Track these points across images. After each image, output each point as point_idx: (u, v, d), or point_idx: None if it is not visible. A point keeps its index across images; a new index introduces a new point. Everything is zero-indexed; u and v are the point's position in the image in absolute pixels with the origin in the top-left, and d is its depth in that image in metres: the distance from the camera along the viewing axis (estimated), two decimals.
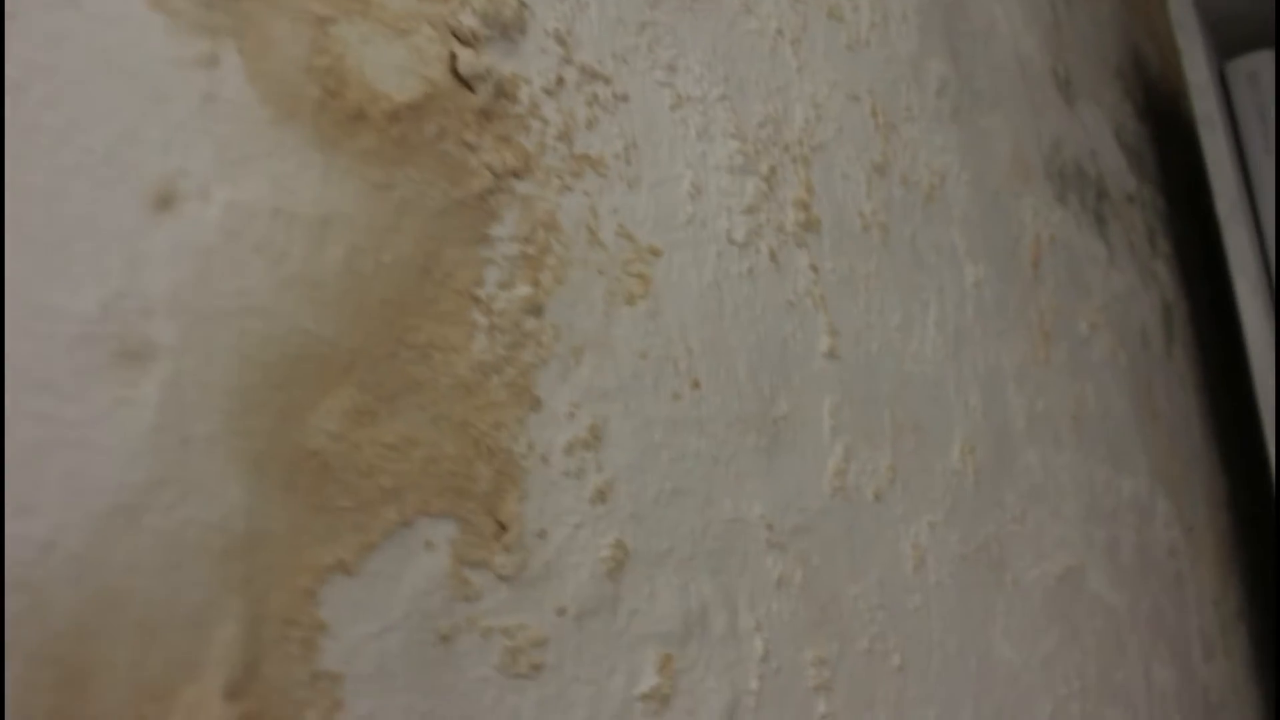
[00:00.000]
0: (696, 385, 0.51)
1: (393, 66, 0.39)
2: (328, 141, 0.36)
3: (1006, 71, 0.98)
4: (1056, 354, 0.90)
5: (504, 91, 0.44)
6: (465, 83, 0.42)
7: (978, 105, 0.89)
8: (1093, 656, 0.84)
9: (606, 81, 0.50)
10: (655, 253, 0.50)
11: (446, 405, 0.38)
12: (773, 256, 0.59)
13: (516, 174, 0.43)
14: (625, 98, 0.51)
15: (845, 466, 0.60)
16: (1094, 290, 1.02)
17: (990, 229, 0.84)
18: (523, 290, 0.42)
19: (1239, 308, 1.26)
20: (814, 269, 0.62)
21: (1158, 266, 1.26)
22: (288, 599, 0.32)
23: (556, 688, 0.40)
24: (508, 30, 0.45)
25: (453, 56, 0.42)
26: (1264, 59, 1.38)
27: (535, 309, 0.43)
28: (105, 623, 0.28)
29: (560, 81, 0.47)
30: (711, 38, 0.60)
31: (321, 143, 0.36)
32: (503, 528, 0.39)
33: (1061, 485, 0.85)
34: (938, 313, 0.73)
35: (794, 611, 0.53)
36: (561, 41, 0.48)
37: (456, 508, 0.38)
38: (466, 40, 0.43)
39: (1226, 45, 1.47)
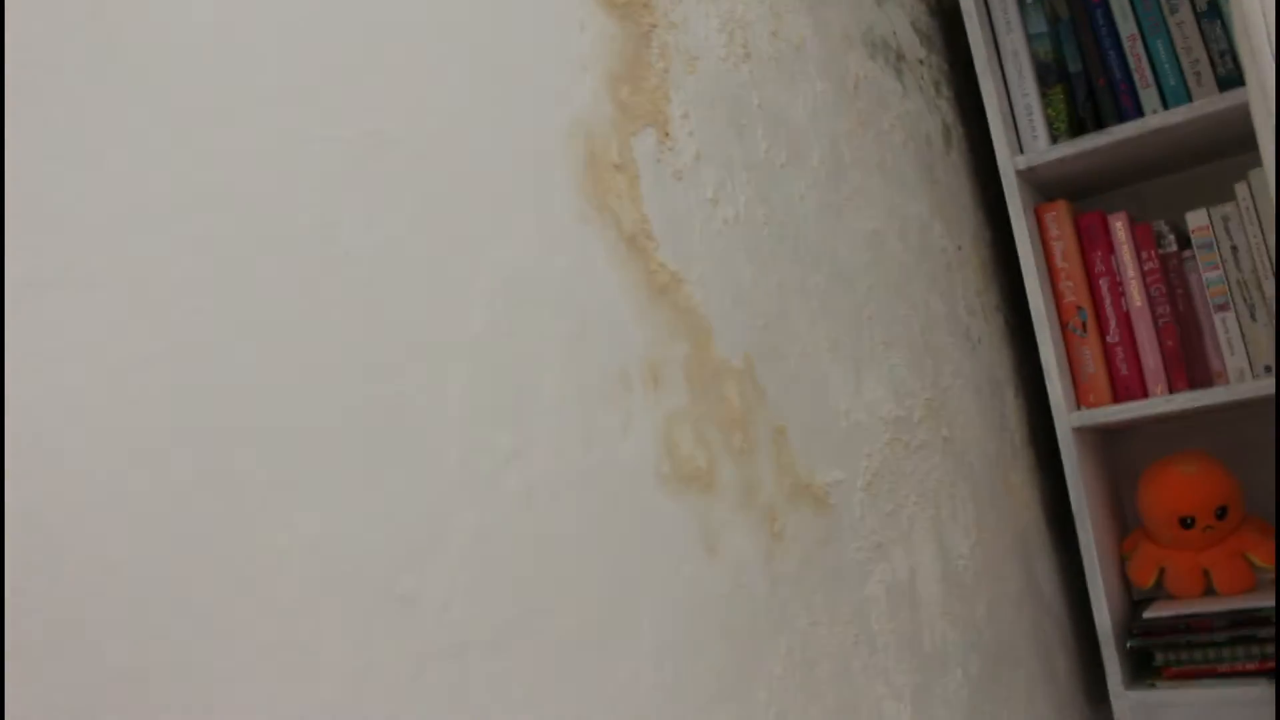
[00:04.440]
0: None
1: None
2: None
3: None
4: (868, 131, 1.74)
5: None
6: None
7: (818, 7, 1.72)
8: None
9: None
10: None
11: None
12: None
13: None
14: None
15: None
16: (891, 107, 1.87)
17: (827, 66, 1.68)
18: None
19: (990, 125, 2.13)
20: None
21: (940, 103, 2.12)
22: None
23: None
24: None
25: None
26: None
27: None
28: None
29: None
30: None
31: None
32: None
33: (872, 190, 1.70)
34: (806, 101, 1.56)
35: None
36: None
37: None
38: None
39: None
